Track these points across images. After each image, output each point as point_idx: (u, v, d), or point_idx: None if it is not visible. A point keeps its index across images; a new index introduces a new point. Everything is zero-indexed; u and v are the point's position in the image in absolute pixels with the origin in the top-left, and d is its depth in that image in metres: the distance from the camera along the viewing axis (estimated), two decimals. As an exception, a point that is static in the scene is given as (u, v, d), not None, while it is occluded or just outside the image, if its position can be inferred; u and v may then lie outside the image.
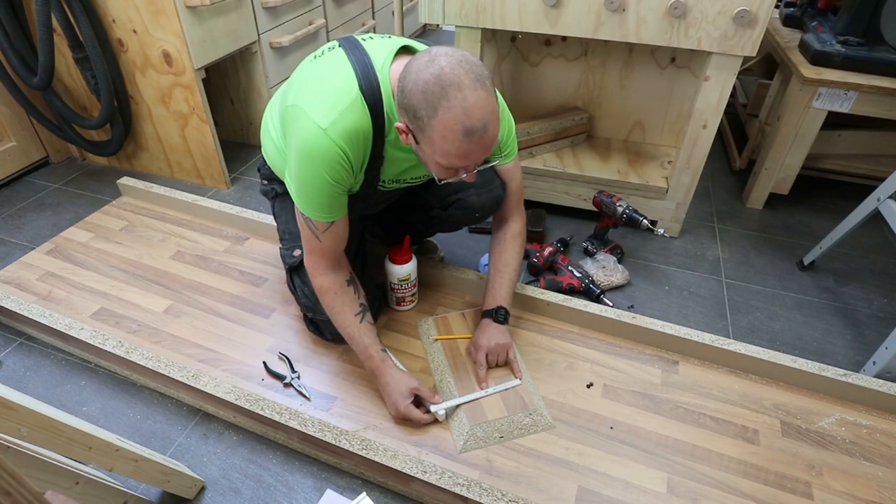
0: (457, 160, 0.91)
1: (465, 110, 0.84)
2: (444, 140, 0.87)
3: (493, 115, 0.88)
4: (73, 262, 1.51)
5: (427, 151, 0.92)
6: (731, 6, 1.28)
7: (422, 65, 0.86)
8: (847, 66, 1.61)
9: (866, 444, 1.11)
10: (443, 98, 0.84)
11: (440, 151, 0.89)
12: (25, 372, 1.26)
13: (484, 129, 0.87)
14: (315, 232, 1.05)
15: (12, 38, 1.63)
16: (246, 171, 2.04)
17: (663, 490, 1.02)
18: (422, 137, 0.90)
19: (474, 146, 0.88)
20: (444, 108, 0.84)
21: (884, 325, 1.45)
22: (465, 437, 1.08)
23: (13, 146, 1.89)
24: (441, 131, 0.86)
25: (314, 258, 1.10)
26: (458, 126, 0.85)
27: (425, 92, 0.85)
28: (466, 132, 0.86)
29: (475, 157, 0.92)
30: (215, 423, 1.16)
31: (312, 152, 0.95)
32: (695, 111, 1.48)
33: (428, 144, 0.90)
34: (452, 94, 0.84)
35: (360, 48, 0.99)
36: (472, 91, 0.84)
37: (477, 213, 1.25)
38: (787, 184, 1.85)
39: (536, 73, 1.83)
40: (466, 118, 0.85)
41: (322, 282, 1.11)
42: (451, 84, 0.84)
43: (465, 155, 0.90)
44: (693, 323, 1.43)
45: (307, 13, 2.12)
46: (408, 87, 0.87)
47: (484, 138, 0.88)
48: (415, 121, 0.88)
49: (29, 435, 0.71)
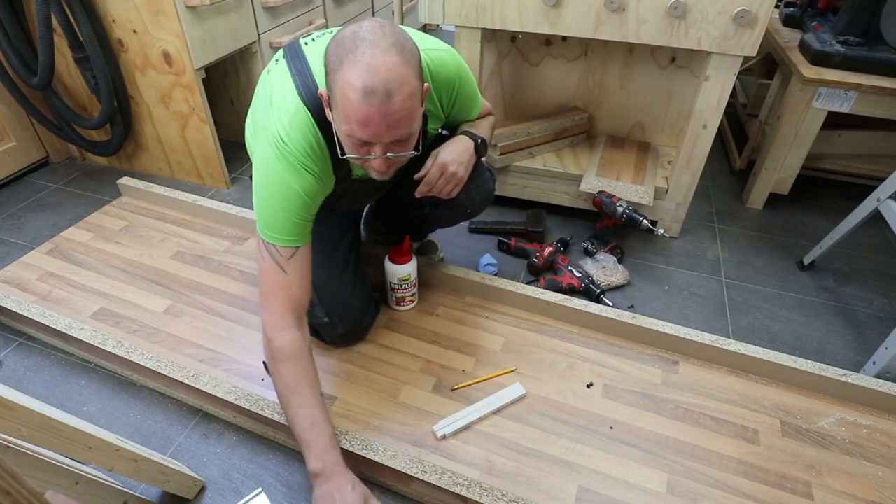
0: (357, 127, 0.83)
1: (370, 67, 0.78)
2: (344, 98, 0.81)
3: (402, 84, 0.80)
4: (73, 262, 1.51)
5: (335, 118, 0.86)
6: (731, 6, 1.28)
7: (346, 27, 0.84)
8: (847, 66, 1.61)
9: (866, 444, 1.11)
10: (350, 52, 0.79)
11: (342, 114, 0.83)
12: (25, 372, 1.26)
13: (387, 94, 0.79)
14: (279, 261, 0.97)
15: (12, 38, 1.63)
16: (246, 170, 2.04)
17: (663, 490, 1.02)
18: (332, 98, 0.85)
19: (374, 112, 0.80)
20: (349, 61, 0.79)
21: (884, 325, 1.45)
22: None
23: (13, 146, 1.89)
24: (342, 86, 0.80)
25: (278, 302, 0.97)
26: (357, 81, 0.79)
27: (338, 44, 0.82)
28: (365, 91, 0.79)
29: (376, 129, 0.83)
30: (215, 423, 1.16)
31: (275, 168, 0.94)
32: (695, 111, 1.48)
33: (335, 107, 0.85)
34: (361, 50, 0.79)
35: (299, 56, 0.99)
36: (384, 52, 0.79)
37: (468, 209, 1.23)
38: (787, 184, 1.85)
39: (536, 73, 1.83)
40: (368, 75, 0.78)
41: (284, 341, 0.95)
42: (363, 41, 0.79)
43: (364, 121, 0.82)
44: (693, 323, 1.43)
45: (307, 13, 2.12)
46: (330, 43, 0.85)
47: (386, 106, 0.80)
48: (328, 77, 0.84)
49: (29, 435, 0.71)
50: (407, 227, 1.44)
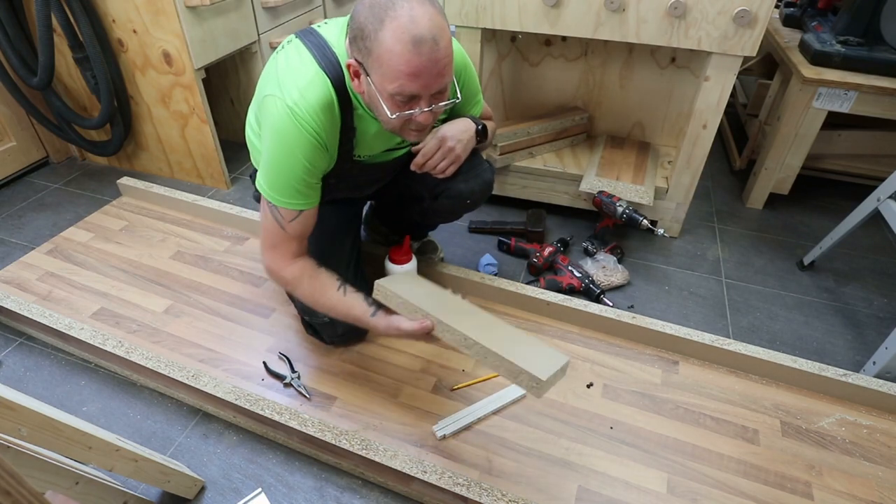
0: (407, 81, 0.85)
1: (412, 19, 0.81)
2: (392, 54, 0.82)
3: (443, 31, 0.84)
4: (73, 262, 1.51)
5: (377, 80, 0.87)
6: (731, 6, 1.28)
7: None
8: (847, 66, 1.61)
9: (866, 444, 1.11)
10: (389, 9, 0.81)
11: (389, 73, 0.84)
12: (25, 372, 1.26)
13: (434, 41, 0.83)
14: (281, 222, 1.01)
15: (12, 38, 1.63)
16: (246, 170, 2.04)
17: (663, 490, 1.02)
18: (371, 63, 0.86)
19: (424, 60, 0.83)
20: (390, 17, 0.81)
21: (884, 325, 1.45)
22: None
23: (13, 146, 1.89)
24: (388, 44, 0.82)
25: (277, 252, 1.05)
26: (405, 35, 0.81)
27: (372, 6, 0.83)
28: (415, 41, 0.81)
29: (426, 80, 0.86)
30: (215, 423, 1.16)
31: (284, 131, 0.94)
32: (695, 111, 1.48)
33: (376, 69, 0.85)
34: (400, 4, 0.81)
35: (314, 33, 0.99)
36: (420, 4, 0.82)
37: (468, 199, 1.23)
38: (787, 184, 1.85)
39: (536, 73, 1.83)
40: (414, 26, 0.81)
41: (291, 271, 1.05)
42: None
43: (415, 72, 0.84)
44: (693, 323, 1.43)
45: (307, 13, 2.12)
46: (357, 11, 0.86)
47: (435, 52, 0.83)
48: (363, 43, 0.85)
49: (29, 435, 0.71)
50: (407, 225, 1.43)
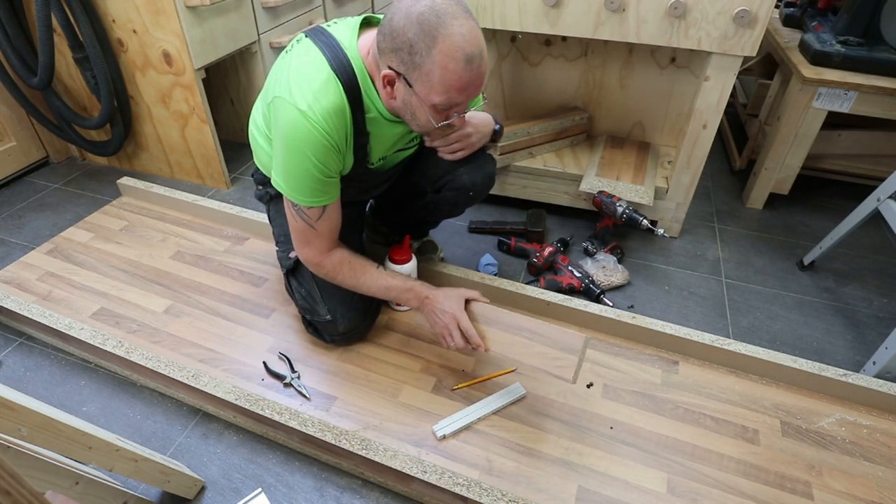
0: (456, 93, 0.90)
1: (464, 36, 0.85)
2: (445, 70, 0.87)
3: (484, 45, 0.89)
4: (73, 262, 1.51)
5: (422, 92, 0.90)
6: (731, 6, 1.28)
7: (409, 3, 0.87)
8: (847, 66, 1.61)
9: (866, 444, 1.11)
10: (440, 27, 0.84)
11: (439, 85, 0.88)
12: (25, 372, 1.26)
13: (481, 56, 0.88)
14: (309, 221, 1.04)
15: (12, 38, 1.63)
16: (246, 171, 2.04)
17: (663, 490, 1.02)
18: (417, 76, 0.89)
19: (473, 75, 0.89)
20: (443, 35, 0.84)
21: (884, 325, 1.45)
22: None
23: (13, 146, 1.89)
24: (442, 60, 0.86)
25: (312, 248, 1.09)
26: (459, 53, 0.85)
27: (421, 23, 0.85)
28: (468, 58, 0.86)
29: (472, 91, 0.92)
30: (215, 423, 1.16)
31: (296, 136, 0.95)
32: (695, 111, 1.48)
33: (424, 82, 0.89)
34: (449, 23, 0.84)
35: (325, 33, 1.00)
36: (466, 20, 0.86)
37: (470, 191, 1.23)
38: (787, 184, 1.85)
39: (536, 73, 1.83)
40: (466, 44, 0.85)
41: (330, 262, 1.10)
42: (445, 13, 0.85)
43: (464, 86, 0.89)
44: (693, 323, 1.43)
45: (307, 13, 2.12)
46: (398, 25, 0.87)
47: (481, 66, 0.89)
48: (409, 57, 0.87)
49: (29, 435, 0.71)
50: (408, 223, 1.43)
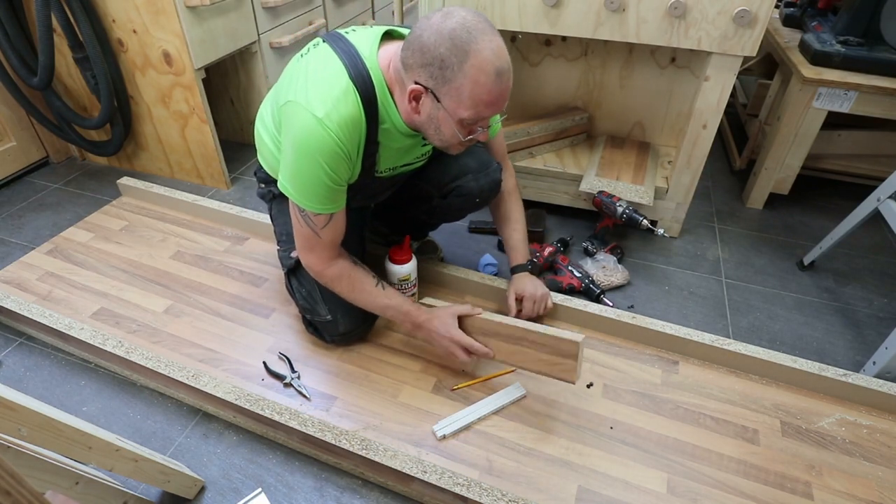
0: (484, 108, 0.92)
1: (494, 52, 0.88)
2: (476, 84, 0.89)
3: (510, 60, 0.92)
4: (73, 262, 1.51)
5: (450, 106, 0.93)
6: (731, 6, 1.28)
7: (439, 19, 0.89)
8: (847, 66, 1.61)
9: (866, 444, 1.11)
10: (472, 42, 0.87)
11: (469, 99, 0.91)
12: (25, 372, 1.26)
13: (509, 71, 0.91)
14: (315, 228, 1.05)
15: (12, 38, 1.63)
16: (246, 171, 2.04)
17: (663, 490, 1.02)
18: (446, 91, 0.91)
19: (503, 89, 0.92)
20: (475, 51, 0.87)
21: (884, 325, 1.45)
22: None
23: (13, 146, 1.89)
24: (474, 75, 0.88)
25: (314, 255, 1.10)
26: (490, 67, 0.88)
27: (453, 39, 0.87)
28: (498, 73, 0.89)
29: (499, 105, 0.94)
30: (215, 423, 1.16)
31: (310, 143, 0.95)
32: (695, 111, 1.48)
33: (453, 97, 0.91)
34: (480, 38, 0.87)
35: (344, 40, 0.99)
36: (494, 36, 0.89)
37: (477, 198, 1.24)
38: (787, 184, 1.85)
39: (536, 73, 1.83)
40: (497, 59, 0.88)
41: (332, 272, 1.11)
42: (476, 30, 0.88)
43: (494, 101, 0.92)
44: (693, 323, 1.43)
45: (307, 13, 2.12)
46: (428, 41, 0.89)
47: (509, 81, 0.92)
48: (440, 72, 0.89)
49: (29, 435, 0.71)
50: (410, 225, 1.44)
